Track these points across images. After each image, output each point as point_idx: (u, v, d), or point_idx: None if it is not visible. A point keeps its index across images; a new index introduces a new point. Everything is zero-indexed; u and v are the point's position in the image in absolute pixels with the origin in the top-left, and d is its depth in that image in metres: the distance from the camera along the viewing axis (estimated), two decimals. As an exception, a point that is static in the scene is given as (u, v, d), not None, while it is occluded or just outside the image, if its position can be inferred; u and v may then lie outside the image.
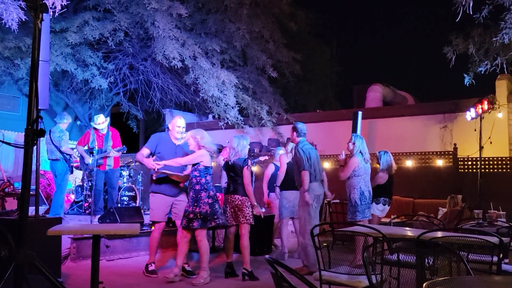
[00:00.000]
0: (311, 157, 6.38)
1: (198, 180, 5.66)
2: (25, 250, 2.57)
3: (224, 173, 6.69)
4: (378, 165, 7.35)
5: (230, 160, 6.13)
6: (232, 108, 12.03)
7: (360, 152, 6.77)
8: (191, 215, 5.61)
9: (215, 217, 5.65)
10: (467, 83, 9.73)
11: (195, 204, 5.62)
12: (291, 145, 7.53)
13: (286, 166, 7.49)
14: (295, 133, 6.58)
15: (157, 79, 13.67)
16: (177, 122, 6.16)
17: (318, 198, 6.43)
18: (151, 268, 6.04)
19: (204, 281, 5.66)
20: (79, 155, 8.94)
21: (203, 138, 5.78)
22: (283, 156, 7.68)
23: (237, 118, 12.29)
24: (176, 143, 6.16)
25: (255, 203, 6.11)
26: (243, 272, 5.98)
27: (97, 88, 12.36)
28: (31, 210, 4.85)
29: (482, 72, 9.49)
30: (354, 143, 6.83)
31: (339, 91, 23.11)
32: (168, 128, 6.44)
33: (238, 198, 6.02)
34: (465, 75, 9.79)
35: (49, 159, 8.43)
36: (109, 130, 8.93)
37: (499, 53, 9.26)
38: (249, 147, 6.48)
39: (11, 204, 7.49)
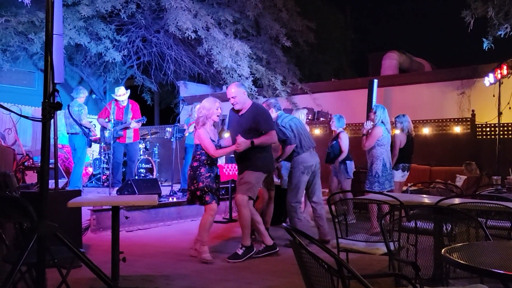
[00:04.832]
0: (294, 129, 6.07)
1: (198, 158, 5.38)
2: (46, 221, 2.61)
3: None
4: (394, 130, 7.28)
5: None
6: (246, 78, 11.94)
7: (382, 122, 6.73)
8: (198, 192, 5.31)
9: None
10: (486, 48, 9.47)
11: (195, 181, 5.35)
12: (300, 113, 7.41)
13: None
14: (272, 109, 6.16)
15: (170, 51, 13.62)
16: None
17: (309, 168, 6.12)
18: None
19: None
20: (100, 128, 9.03)
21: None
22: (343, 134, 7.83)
23: (251, 89, 12.22)
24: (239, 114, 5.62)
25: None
26: None
27: (111, 61, 12.37)
28: (51, 183, 4.92)
29: (502, 36, 9.25)
30: (375, 113, 6.77)
31: (354, 59, 22.83)
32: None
33: None
34: (484, 40, 9.53)
35: (68, 133, 8.53)
36: (129, 103, 8.99)
37: (519, 16, 9.00)
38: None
39: (31, 177, 7.60)
